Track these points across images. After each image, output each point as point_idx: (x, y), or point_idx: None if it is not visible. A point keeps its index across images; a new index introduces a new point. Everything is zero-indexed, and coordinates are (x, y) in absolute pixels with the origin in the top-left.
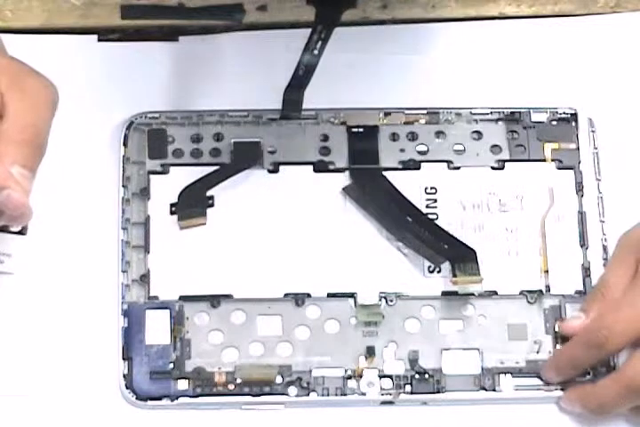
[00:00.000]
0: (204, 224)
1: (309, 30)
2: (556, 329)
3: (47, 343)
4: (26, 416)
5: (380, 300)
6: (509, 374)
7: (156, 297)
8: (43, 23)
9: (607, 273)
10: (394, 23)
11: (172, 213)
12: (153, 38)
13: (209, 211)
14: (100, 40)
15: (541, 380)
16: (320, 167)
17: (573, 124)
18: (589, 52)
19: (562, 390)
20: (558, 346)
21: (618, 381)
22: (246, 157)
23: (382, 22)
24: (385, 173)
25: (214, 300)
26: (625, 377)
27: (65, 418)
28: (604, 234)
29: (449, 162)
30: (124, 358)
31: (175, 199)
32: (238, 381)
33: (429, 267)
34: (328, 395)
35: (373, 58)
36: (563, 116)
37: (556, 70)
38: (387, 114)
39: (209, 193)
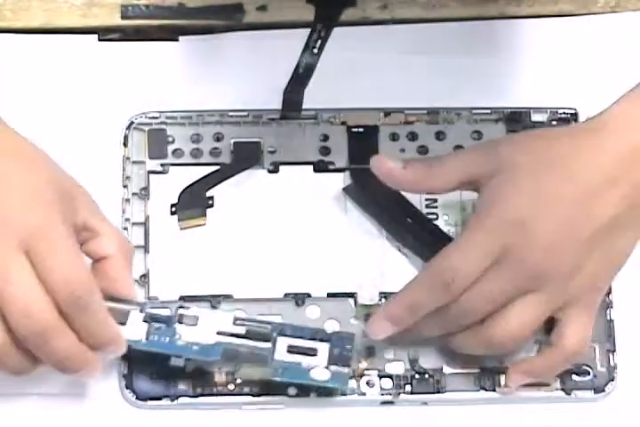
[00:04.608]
0: (204, 224)
1: (309, 30)
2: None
3: None
4: (26, 416)
5: (380, 300)
6: None
7: (155, 297)
8: (43, 23)
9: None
10: (394, 23)
11: (172, 213)
12: (153, 38)
13: (209, 211)
14: (100, 40)
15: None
16: (320, 167)
17: (573, 124)
18: (589, 52)
19: (562, 390)
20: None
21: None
22: (246, 157)
23: (382, 22)
24: None
25: (214, 300)
26: (486, 334)
27: (65, 418)
28: None
29: None
30: (123, 358)
31: (175, 199)
32: (238, 381)
33: None
34: (328, 395)
35: (373, 58)
36: (563, 116)
37: (556, 70)
38: (387, 114)
39: (209, 193)
